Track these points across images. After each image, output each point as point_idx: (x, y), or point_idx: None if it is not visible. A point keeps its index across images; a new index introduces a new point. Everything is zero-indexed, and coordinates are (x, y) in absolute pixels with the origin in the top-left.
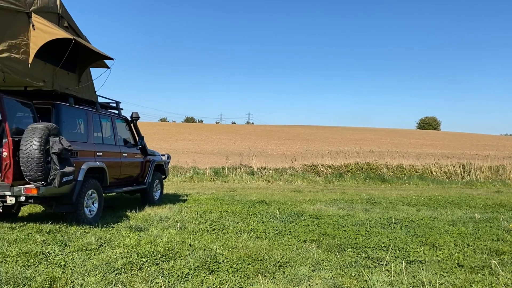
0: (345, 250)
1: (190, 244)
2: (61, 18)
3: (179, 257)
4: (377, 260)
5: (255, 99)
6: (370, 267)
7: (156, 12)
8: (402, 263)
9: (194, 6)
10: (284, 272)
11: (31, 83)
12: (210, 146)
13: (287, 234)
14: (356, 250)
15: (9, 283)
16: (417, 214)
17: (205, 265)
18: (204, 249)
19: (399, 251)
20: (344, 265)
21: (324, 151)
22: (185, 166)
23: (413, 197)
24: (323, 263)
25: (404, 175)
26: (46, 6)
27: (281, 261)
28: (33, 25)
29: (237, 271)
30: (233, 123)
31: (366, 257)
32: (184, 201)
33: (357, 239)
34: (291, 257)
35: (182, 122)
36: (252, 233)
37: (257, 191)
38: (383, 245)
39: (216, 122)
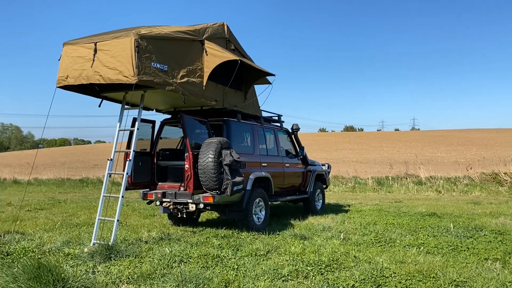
0: None
1: (354, 256)
2: (228, 42)
3: (344, 268)
4: None
5: (420, 103)
6: None
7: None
8: None
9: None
10: None
11: (205, 103)
12: (371, 155)
13: (464, 250)
14: None
15: (192, 281)
16: None
17: (371, 279)
18: (370, 262)
19: None
20: None
21: (507, 157)
22: (346, 175)
23: None
24: (511, 286)
25: None
26: (215, 33)
27: (457, 280)
28: (205, 51)
29: (406, 287)
30: (396, 129)
31: None
32: (346, 211)
33: None
34: (469, 277)
35: (342, 131)
36: (422, 248)
37: (426, 202)
38: None
39: (377, 130)
